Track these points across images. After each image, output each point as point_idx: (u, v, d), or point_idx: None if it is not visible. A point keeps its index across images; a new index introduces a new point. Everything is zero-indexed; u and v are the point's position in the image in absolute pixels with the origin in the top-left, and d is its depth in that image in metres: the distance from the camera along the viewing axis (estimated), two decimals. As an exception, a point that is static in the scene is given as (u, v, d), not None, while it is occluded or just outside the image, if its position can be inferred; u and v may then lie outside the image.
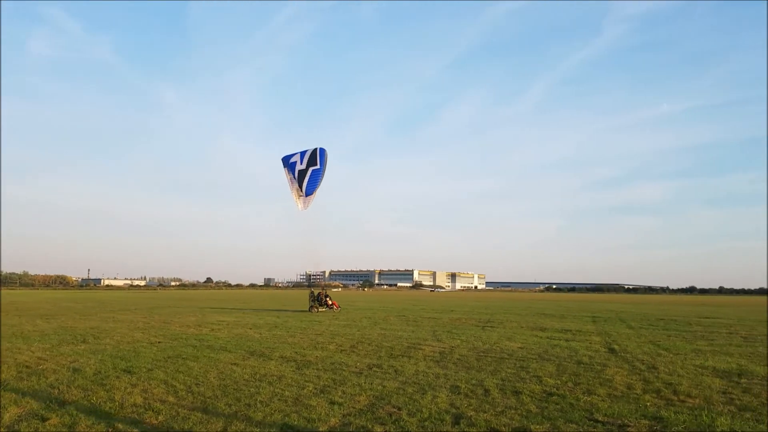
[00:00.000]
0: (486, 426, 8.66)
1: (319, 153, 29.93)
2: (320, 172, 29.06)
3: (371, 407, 9.89)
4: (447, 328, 26.60)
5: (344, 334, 23.33)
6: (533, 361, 15.75)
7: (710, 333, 26.13)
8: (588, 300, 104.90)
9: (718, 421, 8.89)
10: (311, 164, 29.13)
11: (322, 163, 29.57)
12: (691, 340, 22.36)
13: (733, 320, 37.30)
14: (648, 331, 26.83)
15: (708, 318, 40.02)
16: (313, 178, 28.48)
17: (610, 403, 10.29)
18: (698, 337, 24.12)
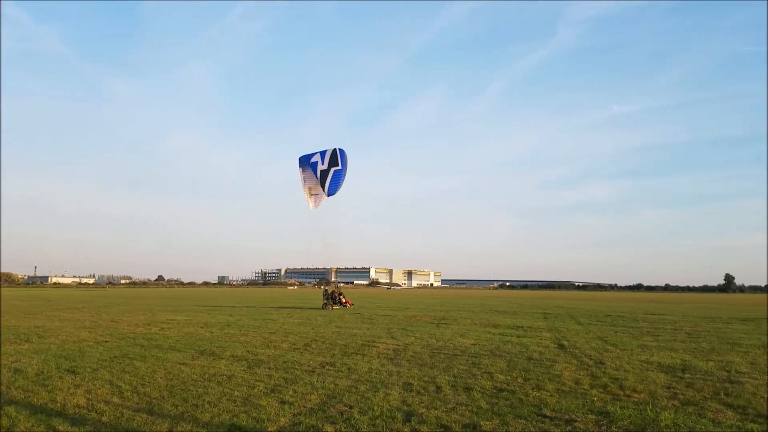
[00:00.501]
0: (437, 423, 8.70)
1: (339, 154, 30.19)
2: (342, 173, 29.34)
3: (322, 406, 9.81)
4: (402, 326, 26.68)
5: (298, 332, 23.13)
6: (485, 357, 15.93)
7: (656, 329, 26.97)
8: (540, 297, 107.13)
9: (662, 416, 9.14)
10: (333, 164, 29.36)
11: (344, 163, 29.94)
12: (637, 336, 23.03)
13: (677, 317, 38.61)
14: (596, 327, 27.52)
15: (654, 314, 41.31)
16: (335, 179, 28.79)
17: (559, 399, 10.49)
18: (644, 332, 24.86)
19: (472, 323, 29.05)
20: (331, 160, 29.76)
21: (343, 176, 29.53)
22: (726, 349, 18.54)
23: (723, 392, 11.13)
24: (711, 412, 9.44)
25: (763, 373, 13.40)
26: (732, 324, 30.86)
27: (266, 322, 28.45)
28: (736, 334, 23.97)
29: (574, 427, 8.58)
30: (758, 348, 18.69)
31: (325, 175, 29.05)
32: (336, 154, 30.09)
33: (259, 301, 50.49)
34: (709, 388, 11.62)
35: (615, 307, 54.17)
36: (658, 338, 22.23)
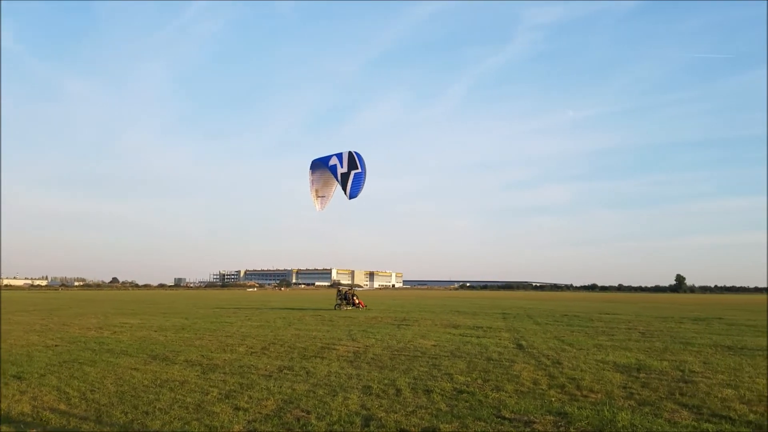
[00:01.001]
0: (396, 427, 8.56)
1: (356, 156, 30.10)
2: (362, 176, 29.33)
3: (279, 412, 9.55)
4: (362, 327, 26.50)
5: (256, 335, 22.71)
6: (445, 358, 15.89)
7: (611, 328, 27.47)
8: (499, 297, 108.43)
9: (619, 416, 9.20)
10: (352, 167, 29.32)
11: (363, 166, 29.96)
12: (593, 336, 23.39)
13: (631, 316, 39.49)
14: (553, 327, 27.87)
15: (608, 314, 42.18)
16: (356, 181, 28.87)
17: (518, 399, 10.48)
18: (599, 332, 25.28)
19: (433, 324, 29.07)
20: (350, 162, 29.81)
21: (363, 179, 29.59)
22: (679, 348, 18.95)
23: (678, 392, 11.30)
24: (667, 413, 9.55)
25: (716, 373, 13.69)
26: (684, 323, 31.68)
27: (223, 326, 27.88)
28: (688, 334, 24.58)
29: (533, 429, 8.56)
30: (710, 347, 19.16)
31: (345, 177, 29.12)
32: (353, 157, 30.12)
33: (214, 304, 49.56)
34: (664, 387, 11.79)
35: (571, 307, 55.14)
36: (613, 338, 22.62)
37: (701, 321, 34.13)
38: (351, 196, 29.49)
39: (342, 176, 29.33)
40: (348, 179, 29.07)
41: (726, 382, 12.40)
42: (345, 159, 30.22)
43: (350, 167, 29.53)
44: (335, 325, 28.27)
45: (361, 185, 29.62)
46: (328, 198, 32.20)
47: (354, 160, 29.97)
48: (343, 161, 30.15)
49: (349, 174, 29.21)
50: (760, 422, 8.84)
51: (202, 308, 48.37)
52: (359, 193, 29.96)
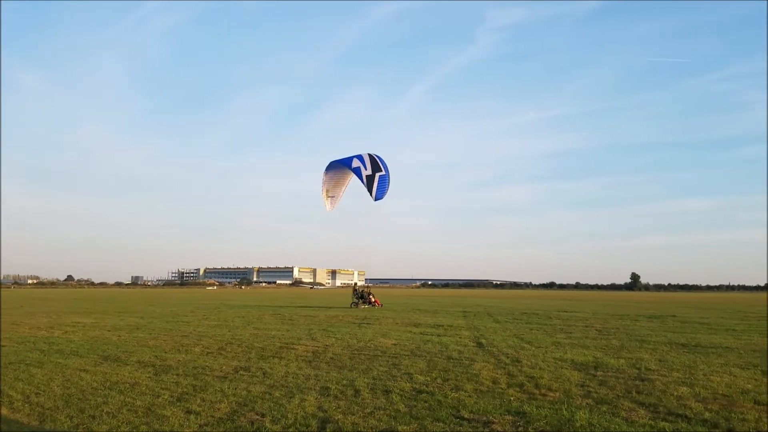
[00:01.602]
0: (353, 429, 8.35)
1: (378, 159, 30.70)
2: (387, 178, 29.86)
3: (232, 415, 9.23)
4: (323, 326, 26.19)
5: (213, 335, 22.19)
6: (405, 357, 15.75)
7: (568, 326, 27.82)
8: (460, 295, 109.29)
9: (577, 415, 9.17)
10: (376, 170, 29.81)
11: (386, 168, 30.61)
12: (551, 333, 23.61)
13: (588, 314, 40.16)
14: (513, 325, 28.08)
15: (566, 312, 42.82)
16: (381, 183, 29.43)
17: (477, 399, 10.38)
18: (558, 330, 25.56)
19: (394, 323, 28.95)
20: (373, 165, 30.33)
21: (388, 181, 30.17)
22: (635, 346, 19.24)
23: (635, 390, 11.38)
24: (624, 411, 9.58)
25: (671, 371, 13.88)
26: (639, 321, 32.34)
27: (179, 325, 27.21)
28: (643, 331, 25.04)
29: (492, 429, 8.46)
30: (665, 345, 19.51)
31: (371, 180, 29.63)
32: (375, 159, 30.68)
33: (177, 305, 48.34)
34: (621, 386, 11.86)
35: (530, 305, 55.86)
36: (571, 335, 22.87)
37: (656, 319, 34.91)
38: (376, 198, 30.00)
39: (367, 178, 29.79)
40: (373, 181, 29.58)
41: (681, 379, 12.57)
42: (367, 161, 30.77)
43: (374, 170, 30.05)
44: (295, 324, 27.89)
45: (386, 188, 30.32)
46: (337, 198, 33.02)
47: (377, 162, 30.60)
48: (366, 163, 30.67)
49: (374, 176, 29.71)
50: (715, 420, 8.93)
51: (159, 307, 47.28)
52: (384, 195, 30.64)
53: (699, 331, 25.66)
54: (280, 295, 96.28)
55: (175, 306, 49.64)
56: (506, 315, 37.28)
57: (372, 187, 29.85)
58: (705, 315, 39.72)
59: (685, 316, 37.57)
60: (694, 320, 33.52)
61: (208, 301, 62.45)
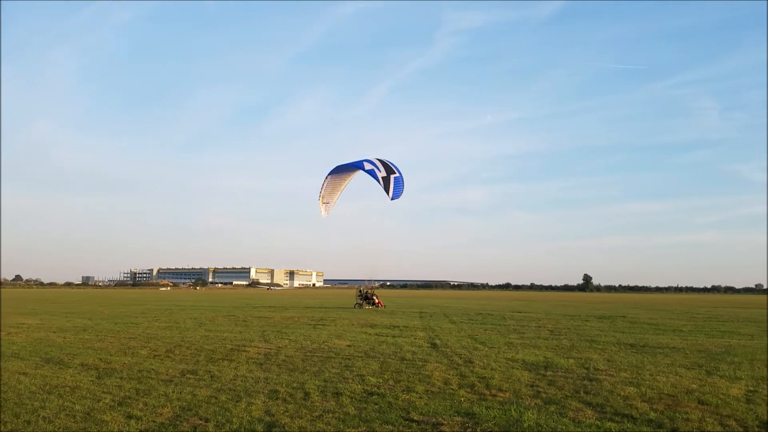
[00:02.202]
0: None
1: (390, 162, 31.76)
2: (401, 180, 30.84)
3: (174, 420, 8.92)
4: (277, 328, 25.81)
5: (162, 337, 21.59)
6: (359, 359, 15.60)
7: (522, 326, 28.15)
8: (417, 296, 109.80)
9: (525, 416, 9.19)
10: (390, 172, 30.78)
11: (399, 170, 31.66)
12: (504, 334, 23.83)
13: (541, 314, 40.78)
14: (468, 326, 28.25)
15: (520, 312, 43.42)
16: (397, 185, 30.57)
17: (427, 401, 10.31)
18: (511, 330, 25.82)
19: (350, 324, 28.78)
20: (386, 168, 31.35)
21: (402, 182, 31.25)
22: (585, 346, 19.56)
23: (582, 390, 11.50)
24: (572, 411, 9.65)
25: (619, 371, 14.11)
26: (590, 322, 32.99)
27: (128, 327, 26.44)
28: (593, 332, 25.52)
29: (440, 431, 8.39)
30: (614, 345, 19.89)
31: (386, 181, 30.74)
32: (387, 163, 31.73)
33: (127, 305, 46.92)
34: (569, 386, 11.98)
35: (485, 306, 56.46)
36: (524, 336, 23.12)
37: (606, 319, 35.69)
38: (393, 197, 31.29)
39: (383, 180, 30.93)
40: (389, 183, 30.71)
41: (628, 380, 12.78)
42: (379, 164, 31.86)
43: (388, 172, 31.15)
44: (249, 325, 27.41)
45: (402, 188, 31.37)
46: (332, 204, 34.20)
47: (389, 165, 31.77)
48: (378, 166, 31.74)
49: (389, 178, 30.81)
50: (660, 420, 9.06)
51: (109, 308, 45.95)
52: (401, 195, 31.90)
53: (647, 331, 26.30)
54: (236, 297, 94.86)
55: (126, 307, 48.30)
56: (462, 316, 37.52)
57: (389, 188, 30.91)
58: (653, 316, 40.80)
59: (635, 317, 38.51)
60: (643, 321, 34.38)
61: (160, 303, 61.02)
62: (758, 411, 9.69)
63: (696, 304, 76.46)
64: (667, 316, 41.35)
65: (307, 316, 34.93)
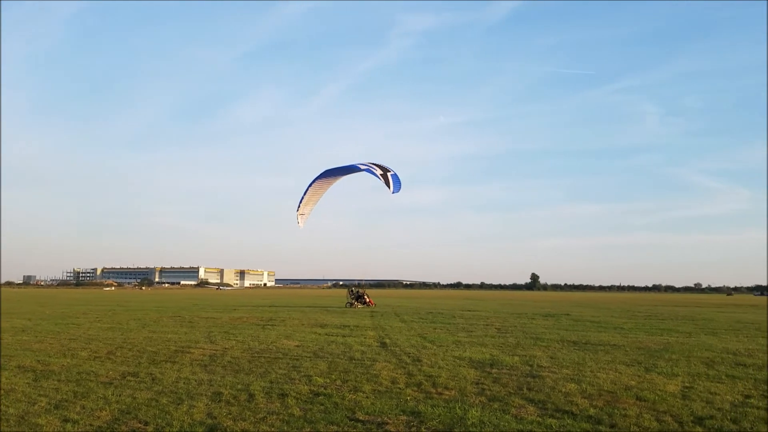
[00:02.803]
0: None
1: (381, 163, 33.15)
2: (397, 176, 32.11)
3: (112, 424, 8.65)
4: (224, 329, 25.36)
5: (104, 338, 20.94)
6: (307, 359, 15.49)
7: (470, 325, 28.54)
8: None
9: (469, 414, 9.30)
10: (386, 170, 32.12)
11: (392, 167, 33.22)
12: (453, 332, 24.11)
13: (489, 313, 41.47)
14: (418, 324, 28.45)
15: (469, 311, 44.02)
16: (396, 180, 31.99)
17: (374, 400, 10.33)
18: (460, 329, 26.14)
19: (300, 324, 28.56)
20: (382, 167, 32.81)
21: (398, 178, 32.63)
22: (530, 343, 19.97)
23: (526, 387, 11.73)
24: (515, 408, 9.82)
25: (561, 367, 14.46)
26: (536, 320, 33.71)
27: (69, 327, 25.54)
28: (539, 329, 26.09)
29: (385, 430, 8.41)
30: (557, 342, 20.38)
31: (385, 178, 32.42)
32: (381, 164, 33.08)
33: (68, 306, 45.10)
34: (513, 383, 12.20)
35: (436, 305, 56.98)
36: (472, 334, 23.45)
37: (551, 317, 36.53)
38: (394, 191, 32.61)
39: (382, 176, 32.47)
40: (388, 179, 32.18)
41: (570, 376, 13.10)
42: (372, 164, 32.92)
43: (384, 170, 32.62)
44: (195, 326, 26.85)
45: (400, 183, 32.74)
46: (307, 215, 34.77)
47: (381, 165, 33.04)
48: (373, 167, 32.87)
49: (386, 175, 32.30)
50: (599, 416, 9.31)
51: (50, 308, 44.28)
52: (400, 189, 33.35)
53: (590, 329, 27.06)
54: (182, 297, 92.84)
55: (68, 307, 46.64)
56: (413, 315, 37.75)
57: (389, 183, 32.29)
58: (596, 314, 42.02)
59: (578, 315, 39.58)
60: (586, 319, 35.36)
61: (104, 303, 59.16)
62: (693, 407, 10.05)
63: (637, 302, 79.14)
64: (609, 314, 42.65)
65: (256, 317, 34.48)
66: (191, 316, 35.17)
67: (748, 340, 22.22)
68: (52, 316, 34.49)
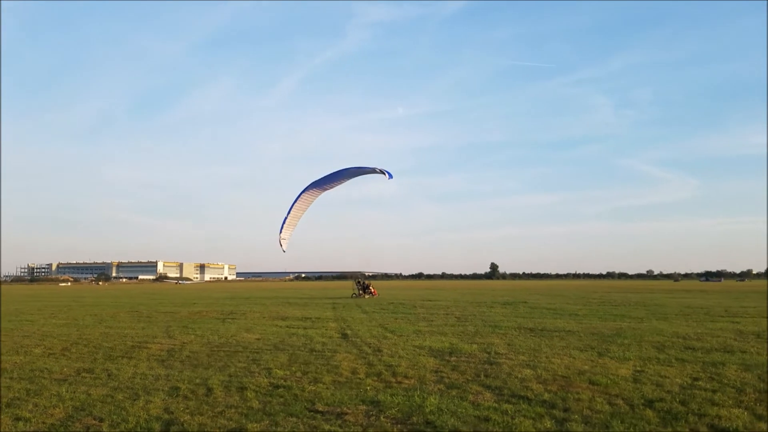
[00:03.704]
0: (199, 430, 8.00)
1: None
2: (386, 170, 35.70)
3: (66, 421, 8.51)
4: (183, 323, 25.03)
5: (59, 334, 20.46)
6: (267, 352, 15.43)
7: (431, 314, 28.86)
8: (331, 287, 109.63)
9: (428, 401, 9.46)
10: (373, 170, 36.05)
11: None
12: (414, 322, 24.35)
13: (450, 302, 41.98)
14: (379, 315, 28.61)
15: (430, 301, 44.47)
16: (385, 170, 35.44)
17: (334, 391, 10.40)
18: (420, 318, 26.41)
19: (261, 317, 28.38)
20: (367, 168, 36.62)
21: None
22: (488, 331, 20.34)
23: (483, 374, 11.98)
24: (472, 395, 10.03)
25: (518, 354, 14.79)
26: (494, 308, 34.30)
27: (22, 324, 24.86)
28: (497, 317, 26.57)
29: (345, 421, 8.48)
30: (515, 330, 20.80)
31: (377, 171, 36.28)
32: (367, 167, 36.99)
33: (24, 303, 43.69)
34: (471, 370, 12.44)
35: (397, 295, 57.26)
36: (432, 323, 23.73)
37: (509, 305, 37.24)
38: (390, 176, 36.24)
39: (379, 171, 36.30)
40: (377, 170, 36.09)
41: (526, 362, 13.42)
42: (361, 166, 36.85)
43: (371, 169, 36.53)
44: (153, 321, 26.42)
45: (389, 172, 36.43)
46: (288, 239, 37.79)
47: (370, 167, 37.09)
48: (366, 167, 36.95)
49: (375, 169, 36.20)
50: (553, 401, 9.58)
51: (3, 305, 42.85)
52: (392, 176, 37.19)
53: (546, 316, 27.68)
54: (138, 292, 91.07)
55: (21, 303, 45.35)
56: (374, 305, 37.89)
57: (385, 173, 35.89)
58: (552, 301, 42.95)
59: (535, 303, 40.40)
60: (543, 306, 36.14)
61: (59, 299, 57.61)
62: (644, 390, 10.41)
63: (591, 289, 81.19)
64: (564, 301, 43.67)
65: (216, 310, 34.11)
66: (149, 311, 34.57)
67: (697, 324, 23.05)
68: (5, 312, 33.46)
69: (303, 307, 37.34)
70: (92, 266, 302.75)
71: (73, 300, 53.81)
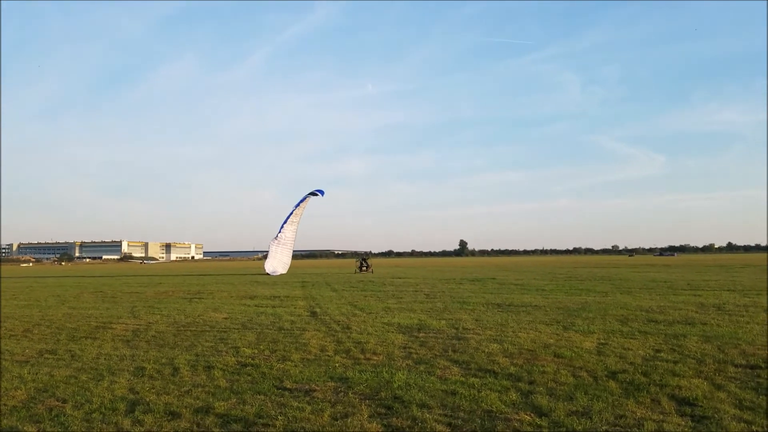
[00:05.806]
0: (165, 410, 7.89)
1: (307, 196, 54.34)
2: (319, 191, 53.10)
3: (28, 403, 8.33)
4: (149, 303, 24.68)
5: (20, 316, 19.99)
6: (235, 331, 15.33)
7: (400, 292, 29.04)
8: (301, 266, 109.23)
9: (396, 377, 9.53)
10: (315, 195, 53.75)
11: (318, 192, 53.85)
12: (383, 299, 24.47)
13: (419, 279, 42.29)
14: (349, 293, 28.67)
15: (400, 278, 44.70)
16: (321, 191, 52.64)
17: (302, 368, 10.39)
18: (390, 296, 26.55)
19: (229, 296, 28.15)
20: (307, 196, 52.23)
21: None
22: (457, 307, 20.56)
23: (451, 349, 12.11)
24: (440, 369, 10.13)
25: (485, 329, 14.99)
26: (463, 284, 34.68)
27: (-20, 307, 24.17)
28: (465, 294, 26.88)
29: (313, 397, 8.49)
30: (483, 306, 21.06)
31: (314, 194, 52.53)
32: None
33: None
34: (439, 345, 12.57)
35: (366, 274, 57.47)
36: (401, 300, 23.88)
37: (478, 281, 37.69)
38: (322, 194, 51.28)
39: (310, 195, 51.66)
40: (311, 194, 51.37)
41: (493, 337, 13.61)
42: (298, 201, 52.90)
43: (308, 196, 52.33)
44: (117, 301, 26.00)
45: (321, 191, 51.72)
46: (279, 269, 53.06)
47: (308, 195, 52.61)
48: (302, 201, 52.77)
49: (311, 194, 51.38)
50: (519, 374, 9.73)
51: None
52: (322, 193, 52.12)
53: (513, 291, 28.11)
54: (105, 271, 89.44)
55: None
56: (343, 284, 37.94)
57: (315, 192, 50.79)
58: (520, 277, 43.61)
59: (503, 279, 40.98)
60: (510, 282, 36.68)
61: (20, 279, 56.28)
62: (607, 362, 10.64)
63: (558, 265, 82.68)
64: (531, 276, 44.40)
65: (183, 290, 33.71)
66: (113, 291, 34.00)
67: (660, 297, 23.66)
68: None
69: (272, 286, 37.14)
70: (54, 246, 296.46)
71: (35, 281, 52.62)
